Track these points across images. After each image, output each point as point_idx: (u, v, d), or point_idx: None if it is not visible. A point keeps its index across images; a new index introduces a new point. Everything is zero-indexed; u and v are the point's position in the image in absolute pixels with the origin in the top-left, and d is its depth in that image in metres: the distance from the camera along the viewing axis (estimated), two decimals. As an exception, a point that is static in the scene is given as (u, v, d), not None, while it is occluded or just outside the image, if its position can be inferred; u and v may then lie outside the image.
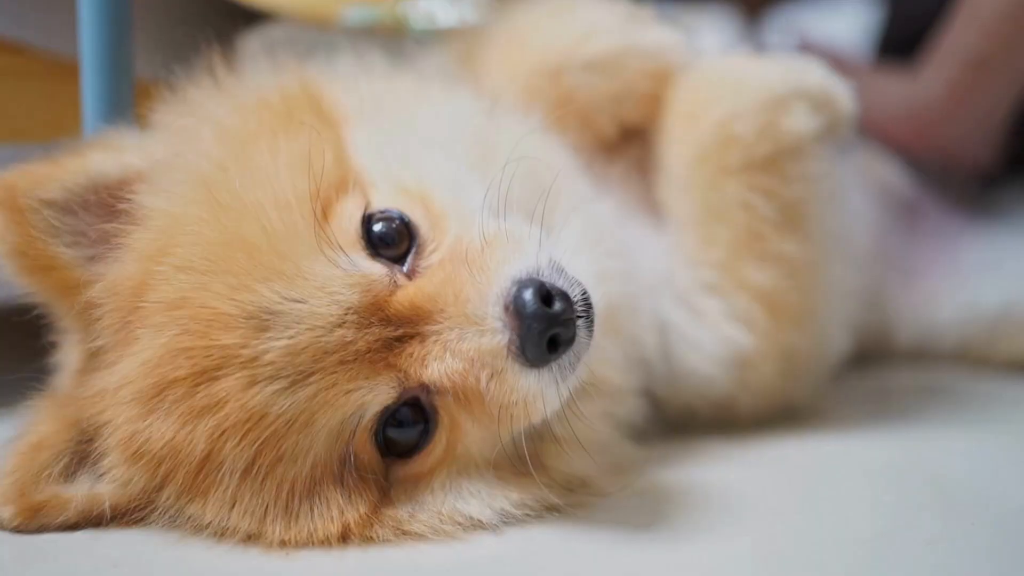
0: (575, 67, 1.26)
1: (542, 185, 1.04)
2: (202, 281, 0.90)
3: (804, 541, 0.99)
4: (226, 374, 0.88)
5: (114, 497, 0.95)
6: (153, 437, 0.90)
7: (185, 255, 0.91)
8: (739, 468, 1.18)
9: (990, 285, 1.70)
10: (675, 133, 1.27)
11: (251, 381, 0.88)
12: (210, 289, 0.89)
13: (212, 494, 0.91)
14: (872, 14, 2.35)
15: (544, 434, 1.01)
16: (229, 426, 0.88)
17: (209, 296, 0.89)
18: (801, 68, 1.25)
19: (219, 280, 0.89)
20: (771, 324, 1.25)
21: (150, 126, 1.09)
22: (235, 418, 0.88)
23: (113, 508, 0.95)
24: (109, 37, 1.21)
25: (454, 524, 0.97)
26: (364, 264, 0.93)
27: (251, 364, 0.88)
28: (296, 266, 0.90)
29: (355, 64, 1.20)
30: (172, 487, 0.92)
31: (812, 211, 1.25)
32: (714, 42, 2.00)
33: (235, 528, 0.92)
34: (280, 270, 0.90)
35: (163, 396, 0.90)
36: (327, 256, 0.91)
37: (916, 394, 1.55)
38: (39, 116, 1.38)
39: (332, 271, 0.91)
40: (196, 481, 0.91)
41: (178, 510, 0.93)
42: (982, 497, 1.11)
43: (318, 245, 0.92)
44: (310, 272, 0.90)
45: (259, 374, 0.88)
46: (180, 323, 0.89)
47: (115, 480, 0.94)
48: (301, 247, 0.91)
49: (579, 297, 0.92)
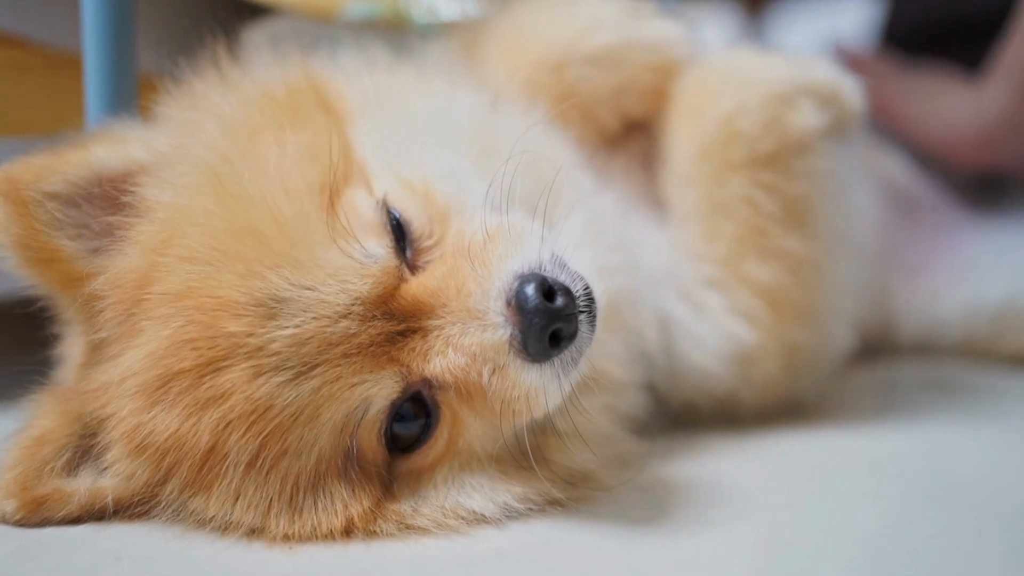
0: (577, 61, 1.26)
1: (544, 179, 1.04)
2: (208, 271, 0.90)
3: (807, 535, 0.99)
4: (231, 365, 0.88)
5: (117, 491, 0.95)
6: (157, 430, 0.90)
7: (191, 246, 0.91)
8: (742, 462, 1.18)
9: (994, 279, 1.70)
10: (679, 127, 1.27)
11: (256, 372, 0.88)
12: (217, 278, 0.89)
13: (216, 487, 0.91)
14: (873, 9, 2.35)
15: (546, 428, 1.02)
16: (234, 418, 0.88)
17: (216, 285, 0.89)
18: (807, 63, 1.24)
19: (227, 268, 0.90)
20: (774, 320, 1.25)
21: (153, 119, 1.10)
22: (240, 410, 0.88)
23: (116, 502, 0.95)
24: (112, 30, 1.21)
25: (457, 518, 0.97)
26: (380, 253, 0.93)
27: (257, 354, 0.88)
28: (309, 253, 0.90)
29: (358, 58, 1.19)
30: (176, 480, 0.92)
31: (817, 208, 1.25)
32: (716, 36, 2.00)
33: (239, 522, 0.92)
34: (292, 257, 0.90)
35: (167, 388, 0.90)
36: (339, 245, 0.92)
37: (920, 388, 1.55)
38: (42, 109, 1.37)
39: (345, 260, 0.91)
40: (200, 474, 0.91)
41: (182, 504, 0.93)
42: (986, 491, 1.11)
43: (331, 234, 0.92)
44: (323, 259, 0.91)
45: (264, 365, 0.88)
46: (185, 314, 0.90)
47: (118, 474, 0.94)
48: (314, 235, 0.91)
49: (581, 292, 0.92)
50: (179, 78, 1.10)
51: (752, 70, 1.24)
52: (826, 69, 1.24)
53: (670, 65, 1.28)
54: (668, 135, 1.28)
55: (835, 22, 2.77)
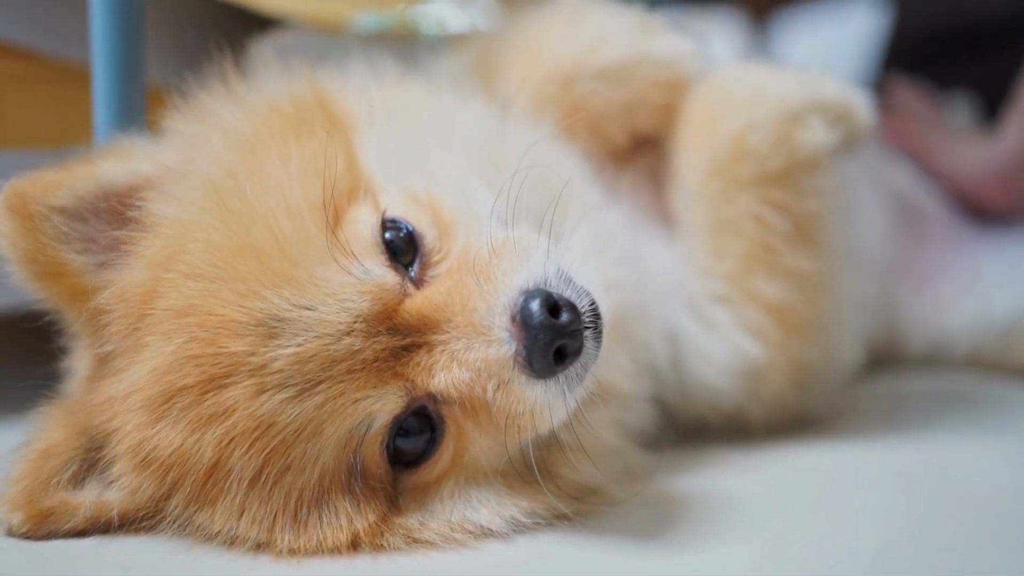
0: (586, 76, 1.25)
1: (552, 193, 1.03)
2: (211, 288, 0.90)
3: (817, 548, 0.99)
4: (234, 382, 0.88)
5: (122, 504, 0.95)
6: (161, 445, 0.90)
7: (194, 262, 0.91)
8: (750, 475, 1.17)
9: (1002, 292, 1.70)
10: (689, 144, 1.26)
11: (259, 389, 0.88)
12: (219, 296, 0.89)
13: (220, 503, 0.91)
14: (880, 18, 2.34)
15: (552, 443, 1.01)
16: (237, 434, 0.88)
17: (218, 303, 0.89)
18: (818, 79, 1.23)
19: (228, 287, 0.89)
20: (782, 336, 1.24)
21: (161, 133, 1.10)
22: (243, 426, 0.88)
23: (121, 515, 0.95)
24: (120, 43, 1.21)
25: (464, 532, 0.97)
26: (377, 271, 0.93)
27: (259, 372, 0.88)
28: (307, 272, 0.90)
29: (366, 70, 1.19)
30: (180, 495, 0.92)
31: (826, 225, 1.24)
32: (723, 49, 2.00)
33: (244, 536, 0.92)
34: (290, 276, 0.90)
35: (171, 404, 0.90)
36: (339, 263, 0.91)
37: (929, 401, 1.54)
38: (50, 122, 1.38)
39: (344, 278, 0.91)
40: (204, 489, 0.91)
41: (187, 518, 0.93)
42: (996, 503, 1.11)
43: (330, 252, 0.92)
44: (321, 279, 0.90)
45: (267, 382, 0.88)
46: (188, 330, 0.90)
47: (123, 487, 0.94)
48: (312, 253, 0.91)
49: (587, 307, 0.92)
50: (187, 91, 1.10)
51: (762, 87, 1.23)
52: (836, 85, 1.23)
53: (679, 81, 1.27)
54: (677, 151, 1.27)
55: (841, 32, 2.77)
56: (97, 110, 1.22)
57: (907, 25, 2.14)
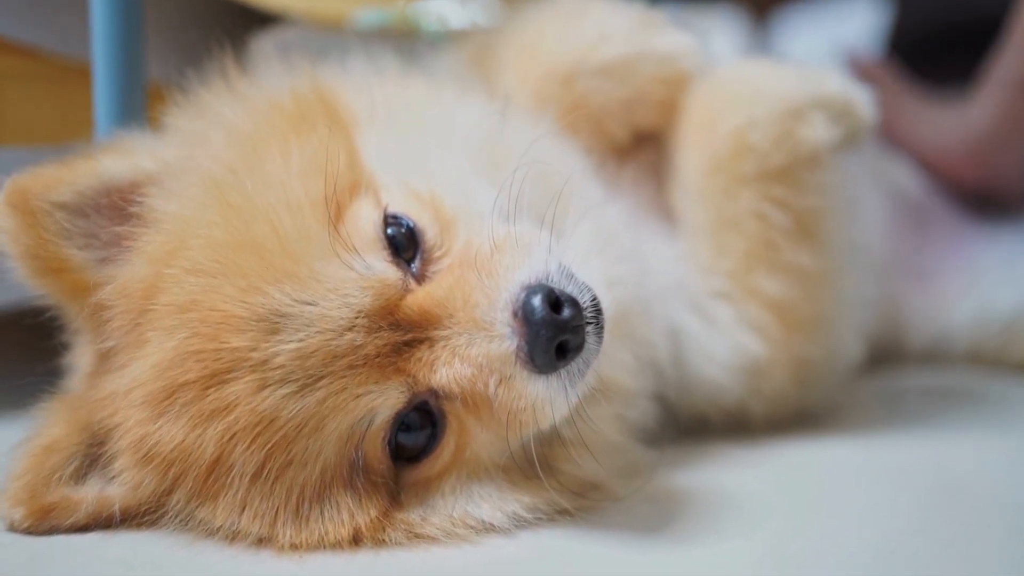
0: (588, 72, 1.25)
1: (553, 190, 1.03)
2: (212, 284, 0.90)
3: (817, 544, 0.99)
4: (236, 378, 0.88)
5: (124, 500, 0.95)
6: (163, 440, 0.91)
7: (196, 258, 0.91)
8: (751, 471, 1.17)
9: (1003, 288, 1.70)
10: (690, 141, 1.26)
11: (261, 385, 0.88)
12: (220, 292, 0.89)
13: (222, 498, 0.91)
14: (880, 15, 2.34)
15: (554, 438, 1.01)
16: (239, 430, 0.88)
17: (219, 299, 0.89)
18: (819, 76, 1.23)
19: (229, 283, 0.90)
20: (784, 333, 1.24)
21: (162, 129, 1.10)
22: (245, 422, 0.88)
23: (123, 511, 0.95)
24: (121, 40, 1.21)
25: (466, 527, 0.97)
26: (379, 266, 0.93)
27: (261, 367, 0.88)
28: (309, 268, 0.90)
29: (367, 67, 1.20)
30: (182, 490, 0.92)
31: (827, 222, 1.24)
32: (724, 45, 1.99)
33: (246, 531, 0.92)
34: (292, 272, 0.90)
35: (173, 399, 0.90)
36: (341, 258, 0.92)
37: (929, 397, 1.54)
38: (51, 119, 1.38)
39: (346, 273, 0.91)
40: (206, 485, 0.91)
41: (189, 513, 0.93)
42: (997, 500, 1.11)
43: (332, 247, 0.92)
44: (323, 274, 0.90)
45: (269, 378, 0.88)
46: (190, 326, 0.90)
47: (125, 483, 0.94)
48: (314, 249, 0.91)
49: (588, 303, 0.92)
50: (188, 88, 1.10)
51: (763, 83, 1.23)
52: (838, 81, 1.23)
53: (680, 77, 1.27)
54: (678, 148, 1.27)
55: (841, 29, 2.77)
56: (98, 107, 1.22)
57: (907, 22, 2.13)
